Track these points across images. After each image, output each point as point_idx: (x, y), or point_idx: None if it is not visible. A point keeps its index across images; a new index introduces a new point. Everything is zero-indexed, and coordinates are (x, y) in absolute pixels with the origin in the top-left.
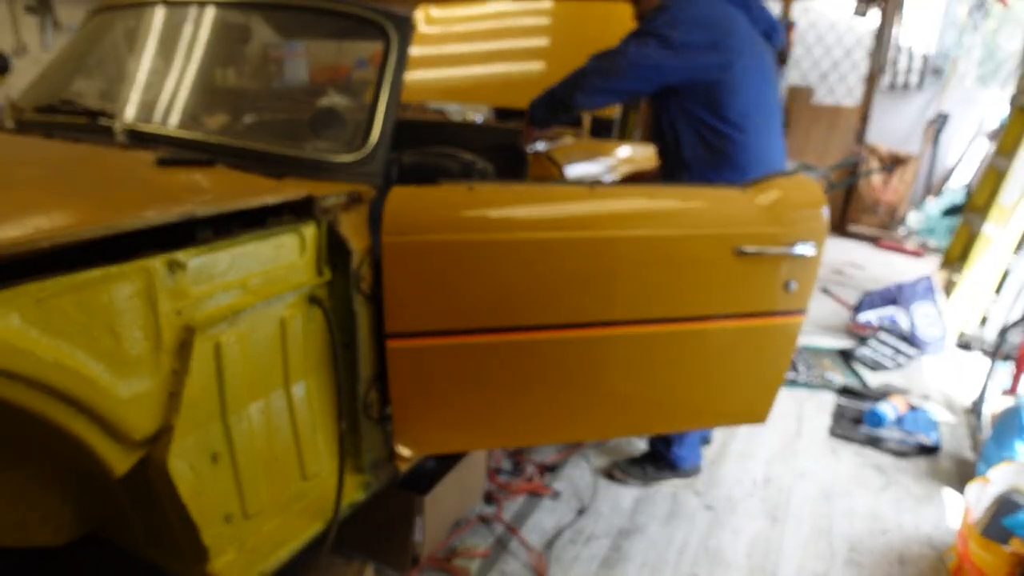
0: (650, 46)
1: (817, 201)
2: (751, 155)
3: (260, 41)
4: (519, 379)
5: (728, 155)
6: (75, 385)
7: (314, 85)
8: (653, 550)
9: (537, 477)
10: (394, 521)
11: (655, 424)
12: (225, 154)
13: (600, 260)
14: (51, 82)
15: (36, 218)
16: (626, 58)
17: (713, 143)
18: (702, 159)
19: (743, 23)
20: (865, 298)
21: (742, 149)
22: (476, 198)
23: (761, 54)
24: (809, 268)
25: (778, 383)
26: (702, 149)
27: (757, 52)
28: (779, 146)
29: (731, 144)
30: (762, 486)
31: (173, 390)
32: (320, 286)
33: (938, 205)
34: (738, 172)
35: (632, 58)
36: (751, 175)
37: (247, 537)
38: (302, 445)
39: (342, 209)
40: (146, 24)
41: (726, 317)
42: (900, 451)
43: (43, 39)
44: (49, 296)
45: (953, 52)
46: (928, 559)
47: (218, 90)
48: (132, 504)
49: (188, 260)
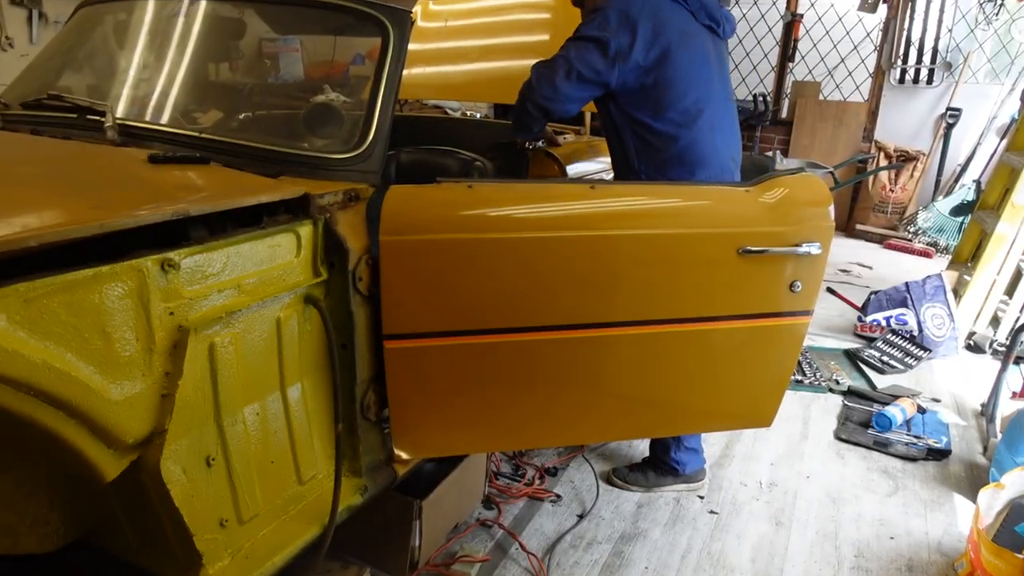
0: (588, 50)
1: (823, 200)
2: (697, 152)
3: (254, 35)
4: (519, 380)
5: (674, 154)
6: (64, 388)
7: (310, 81)
8: (656, 555)
9: (537, 481)
10: (392, 525)
11: (657, 427)
12: (219, 151)
13: (601, 260)
14: (39, 77)
15: (24, 217)
16: (567, 63)
17: (656, 144)
18: (648, 161)
19: (679, 18)
20: (872, 298)
21: (688, 146)
22: (475, 197)
23: (701, 47)
24: (815, 268)
25: (783, 385)
26: (647, 151)
27: (696, 45)
28: (729, 140)
29: (675, 143)
30: (767, 490)
31: (166, 392)
32: (317, 286)
33: (948, 203)
34: (686, 170)
35: (572, 63)
36: (701, 173)
37: (242, 542)
38: (298, 448)
39: (339, 208)
40: (137, 17)
41: (730, 318)
42: (908, 455)
43: (30, 32)
44: (38, 296)
45: (965, 46)
46: (938, 566)
47: (212, 86)
48: (124, 509)
49: (181, 260)
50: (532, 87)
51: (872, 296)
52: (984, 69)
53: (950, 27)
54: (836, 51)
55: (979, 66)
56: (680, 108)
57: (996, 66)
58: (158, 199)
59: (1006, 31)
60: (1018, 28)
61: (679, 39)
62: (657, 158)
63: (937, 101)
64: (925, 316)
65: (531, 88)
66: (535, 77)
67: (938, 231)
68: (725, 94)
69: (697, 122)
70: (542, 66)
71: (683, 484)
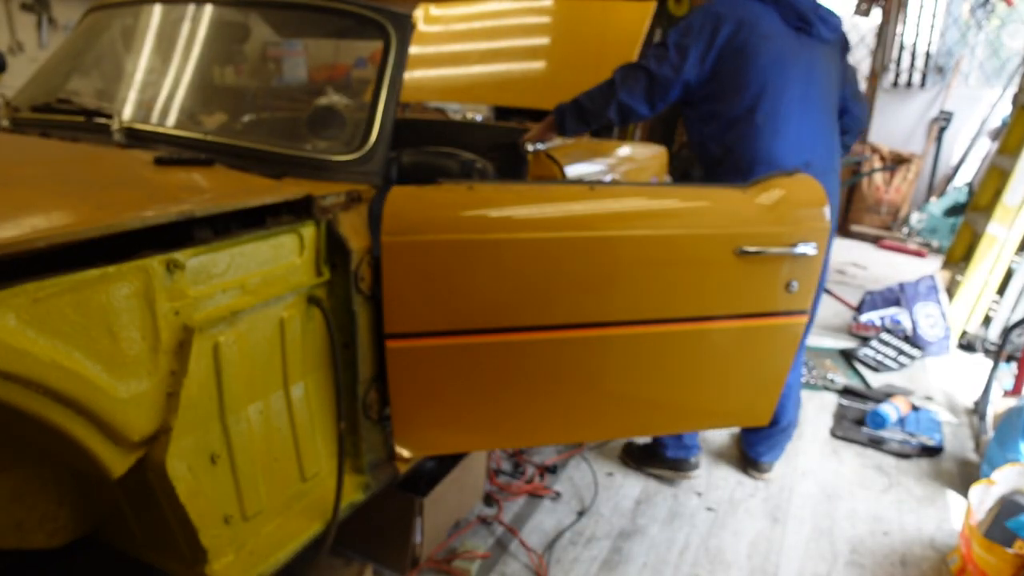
0: (669, 58)
1: (819, 200)
2: (746, 156)
3: (258, 40)
4: (519, 380)
5: (719, 156)
6: (72, 386)
7: (313, 84)
8: (654, 551)
9: (537, 478)
10: (393, 522)
11: (656, 425)
12: (223, 153)
13: (600, 260)
14: (47, 81)
15: (33, 218)
16: (647, 72)
17: (708, 145)
18: (704, 162)
19: (766, 20)
20: (867, 298)
21: (733, 148)
22: (476, 198)
23: (778, 49)
24: (811, 268)
25: (780, 384)
26: (703, 153)
27: (772, 48)
28: (797, 146)
29: (719, 144)
30: (763, 487)
31: (171, 391)
32: (319, 286)
33: (941, 205)
34: (734, 172)
35: (653, 72)
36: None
37: (246, 538)
38: (301, 446)
39: (341, 209)
40: (144, 22)
41: (727, 317)
42: (902, 452)
43: (39, 37)
44: (46, 296)
45: (956, 50)
46: (931, 561)
47: (216, 89)
48: (130, 505)
49: (186, 260)
50: (615, 91)
51: (867, 296)
52: (975, 73)
53: (942, 32)
54: None
55: (970, 70)
56: (732, 110)
57: (987, 70)
58: (164, 200)
59: (996, 36)
60: (1008, 33)
61: (757, 41)
62: (707, 158)
63: (930, 105)
64: (918, 316)
65: (612, 91)
66: (618, 80)
67: (931, 232)
68: (807, 98)
69: (747, 125)
70: (625, 71)
71: (669, 471)
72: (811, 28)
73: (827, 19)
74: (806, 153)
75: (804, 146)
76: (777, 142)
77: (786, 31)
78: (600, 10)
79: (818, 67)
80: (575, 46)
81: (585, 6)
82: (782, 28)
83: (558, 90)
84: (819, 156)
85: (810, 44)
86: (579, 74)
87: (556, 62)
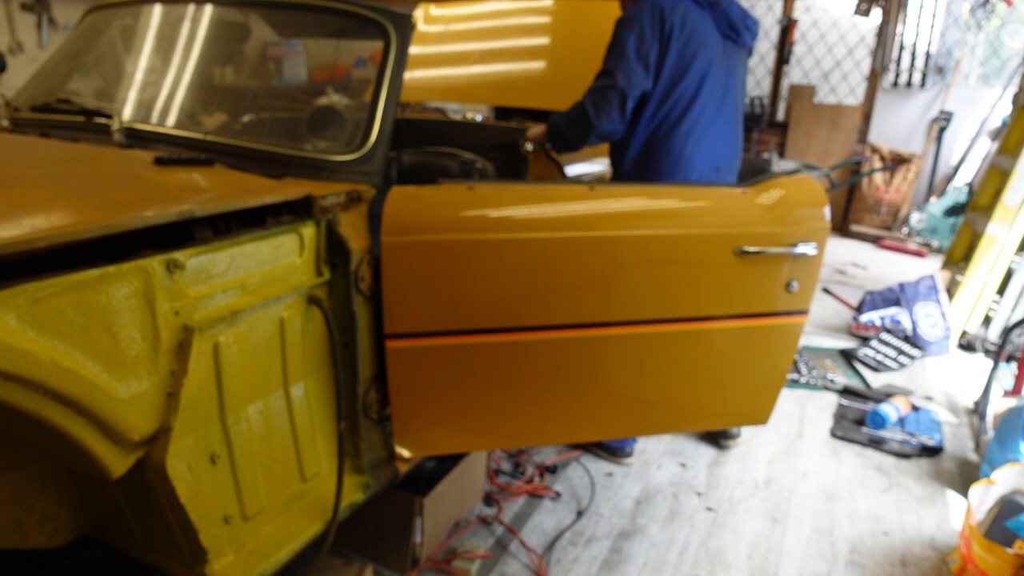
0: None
1: (819, 201)
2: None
3: (258, 40)
4: (519, 380)
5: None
6: (72, 386)
7: (313, 84)
8: (654, 551)
9: (537, 478)
10: (393, 522)
11: (656, 424)
12: (223, 153)
13: (600, 260)
14: (48, 80)
15: (33, 218)
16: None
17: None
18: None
19: (702, 27)
20: (867, 298)
21: (650, 149)
22: (476, 198)
23: (710, 59)
24: (811, 268)
25: (780, 384)
26: (636, 147)
27: (706, 58)
28: (711, 151)
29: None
30: (763, 487)
31: (171, 391)
32: (319, 286)
33: (941, 205)
34: (659, 174)
35: (623, 88)
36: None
37: (246, 538)
38: (301, 446)
39: (341, 209)
40: (144, 22)
41: (727, 317)
42: (902, 452)
43: (39, 37)
44: (46, 296)
45: (956, 50)
46: (931, 561)
47: (216, 89)
48: (130, 506)
49: (186, 260)
50: (593, 123)
51: (867, 296)
52: (975, 73)
53: (942, 32)
54: (831, 55)
55: (970, 70)
56: (663, 115)
57: (987, 70)
58: (163, 200)
59: (996, 36)
60: (1008, 33)
61: (696, 49)
62: (624, 158)
63: (930, 104)
64: (918, 316)
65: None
66: (593, 113)
67: (931, 232)
68: (723, 105)
69: (673, 130)
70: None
71: (606, 453)
72: (739, 38)
73: (752, 28)
74: (719, 159)
75: (718, 152)
76: (698, 148)
77: (717, 39)
78: (600, 10)
79: (736, 74)
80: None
81: (585, 6)
82: (715, 37)
83: (558, 90)
84: (727, 161)
85: (733, 52)
86: (579, 74)
87: (556, 62)
